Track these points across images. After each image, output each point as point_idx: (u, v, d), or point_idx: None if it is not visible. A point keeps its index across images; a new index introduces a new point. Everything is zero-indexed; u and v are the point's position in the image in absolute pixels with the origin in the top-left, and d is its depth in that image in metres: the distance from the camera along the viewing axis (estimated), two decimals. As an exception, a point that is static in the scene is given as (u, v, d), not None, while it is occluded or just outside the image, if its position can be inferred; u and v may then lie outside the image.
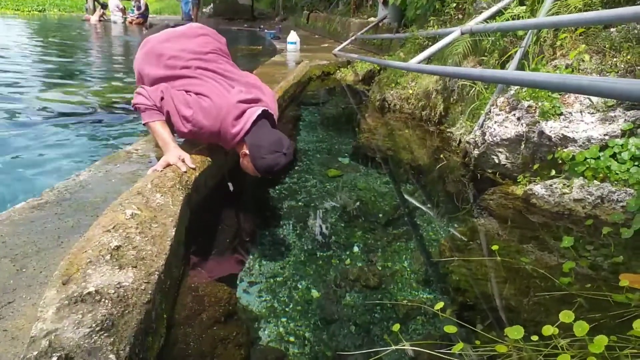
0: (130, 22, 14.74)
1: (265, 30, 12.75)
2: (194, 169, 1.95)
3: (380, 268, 1.85)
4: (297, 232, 2.12)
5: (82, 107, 4.08)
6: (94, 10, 15.37)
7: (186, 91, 2.03)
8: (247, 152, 1.94)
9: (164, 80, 2.09)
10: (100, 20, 14.74)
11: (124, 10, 15.29)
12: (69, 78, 5.60)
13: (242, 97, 2.01)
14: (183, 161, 1.91)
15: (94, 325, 0.98)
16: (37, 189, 1.91)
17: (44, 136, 3.22)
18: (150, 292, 1.16)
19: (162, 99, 1.98)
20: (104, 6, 15.49)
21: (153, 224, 1.42)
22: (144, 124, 2.00)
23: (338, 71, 6.56)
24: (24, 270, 1.32)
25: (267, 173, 1.94)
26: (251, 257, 1.91)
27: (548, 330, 1.25)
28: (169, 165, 1.87)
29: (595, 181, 2.11)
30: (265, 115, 2.02)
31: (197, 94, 2.02)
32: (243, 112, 1.97)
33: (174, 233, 1.45)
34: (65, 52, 8.10)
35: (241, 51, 8.82)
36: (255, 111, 1.98)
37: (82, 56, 7.99)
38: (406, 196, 2.61)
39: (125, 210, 1.41)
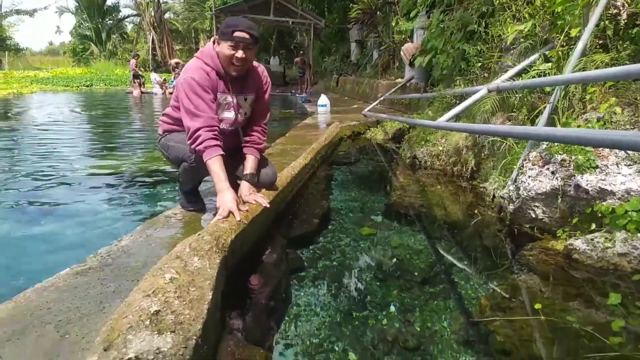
0: (170, 94, 15.62)
1: (297, 95, 13.25)
2: (247, 210, 2.17)
3: (418, 329, 1.80)
4: (332, 292, 2.10)
5: (125, 175, 4.30)
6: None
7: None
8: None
9: None
10: (142, 93, 15.68)
11: (163, 83, 16.23)
12: (113, 146, 5.95)
13: None
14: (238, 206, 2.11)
15: (134, 391, 1.00)
16: (81, 254, 1.98)
17: (89, 202, 3.39)
18: (188, 357, 1.17)
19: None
20: (137, 76, 16.44)
21: (191, 288, 1.45)
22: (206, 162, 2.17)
23: (368, 131, 6.69)
24: (67, 336, 1.36)
25: (229, 27, 2.17)
26: (287, 318, 1.89)
27: (601, 395, 1.18)
28: (231, 213, 2.06)
29: (639, 234, 2.03)
30: None
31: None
32: None
33: (211, 296, 1.47)
34: (109, 122, 8.65)
35: (274, 115, 9.15)
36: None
37: (124, 125, 8.49)
38: (442, 253, 2.57)
39: (165, 275, 1.45)
